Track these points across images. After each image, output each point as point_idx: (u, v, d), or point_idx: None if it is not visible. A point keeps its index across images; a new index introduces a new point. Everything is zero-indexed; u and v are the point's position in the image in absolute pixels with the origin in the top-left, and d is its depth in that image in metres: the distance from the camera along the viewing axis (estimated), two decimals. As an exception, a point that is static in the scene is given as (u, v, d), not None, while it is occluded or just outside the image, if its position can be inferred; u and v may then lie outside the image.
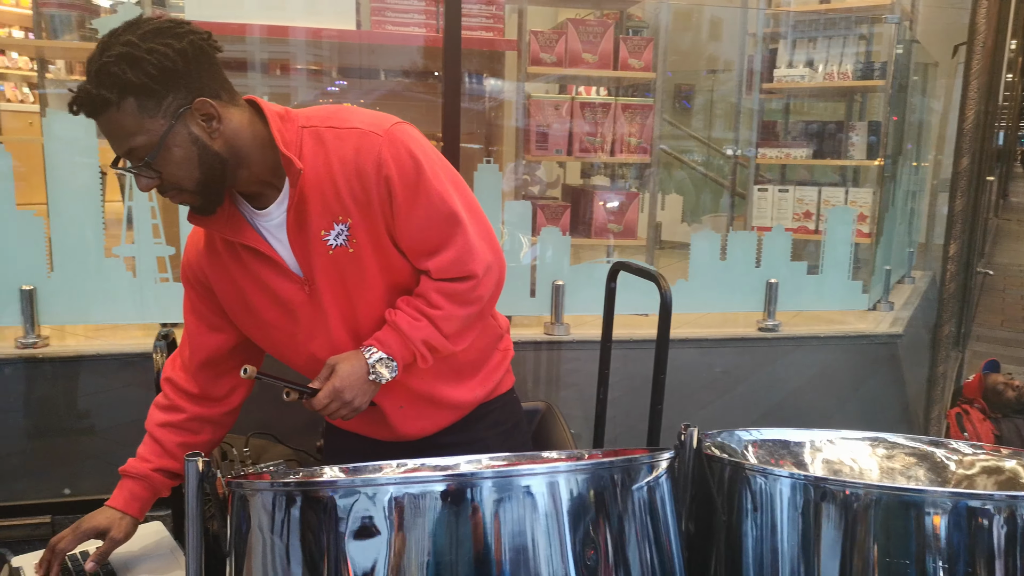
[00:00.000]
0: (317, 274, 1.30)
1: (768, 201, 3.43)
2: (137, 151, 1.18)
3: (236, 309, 1.38)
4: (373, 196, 1.25)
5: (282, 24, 2.60)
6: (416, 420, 1.44)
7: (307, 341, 1.35)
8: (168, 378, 1.47)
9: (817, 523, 1.02)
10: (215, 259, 1.35)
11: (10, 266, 2.25)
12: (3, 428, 2.25)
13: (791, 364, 2.88)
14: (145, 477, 1.41)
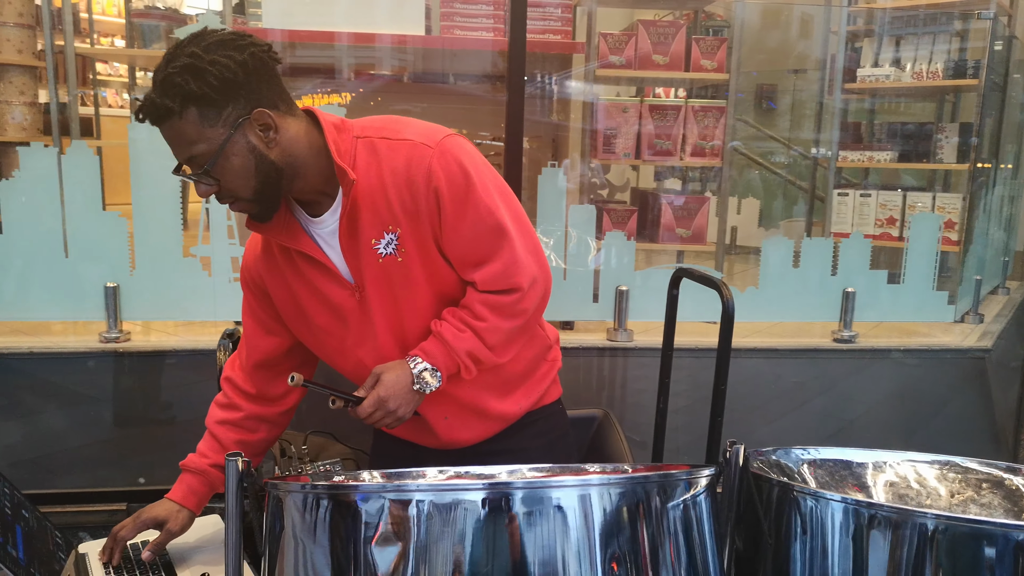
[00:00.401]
0: (367, 282, 1.32)
1: (849, 206, 3.28)
2: (197, 159, 1.21)
3: (290, 313, 1.41)
4: (422, 206, 1.27)
5: (351, 31, 2.65)
6: (461, 430, 1.45)
7: (355, 347, 1.37)
8: (228, 377, 1.52)
9: (872, 551, 0.96)
10: (272, 263, 1.39)
11: (96, 264, 2.37)
12: (86, 418, 2.37)
13: (869, 378, 2.74)
14: (203, 472, 1.46)
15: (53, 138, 3.18)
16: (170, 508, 1.42)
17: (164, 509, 1.43)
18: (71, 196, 2.34)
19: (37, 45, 3.27)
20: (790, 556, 1.00)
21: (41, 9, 3.13)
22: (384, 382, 1.27)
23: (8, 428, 2.34)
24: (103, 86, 6.36)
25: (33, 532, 1.36)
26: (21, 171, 2.32)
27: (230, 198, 1.26)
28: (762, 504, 1.03)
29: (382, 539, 0.84)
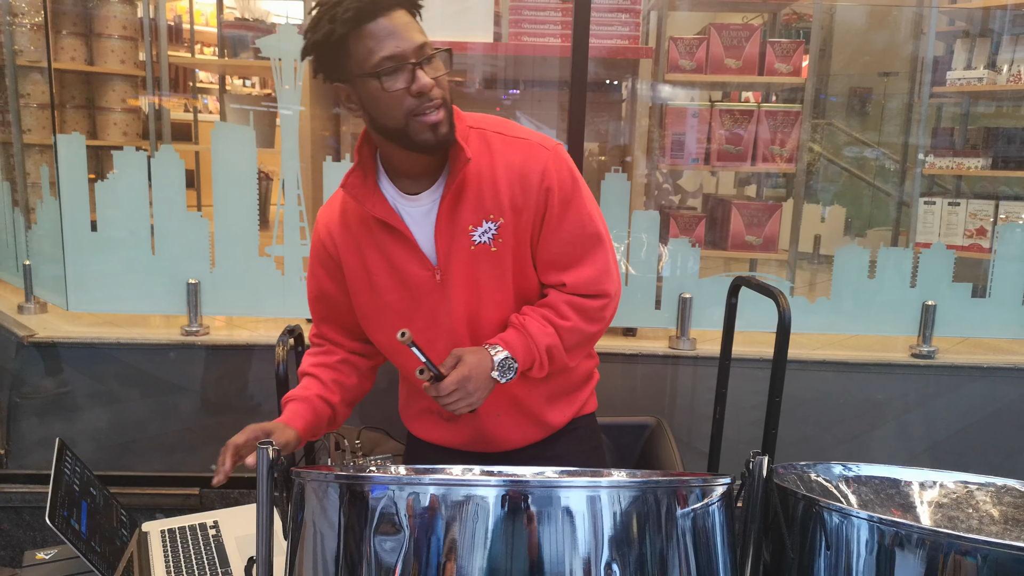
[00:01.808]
0: (454, 265, 1.34)
1: (935, 215, 3.12)
2: (426, 47, 1.24)
3: (360, 287, 1.41)
4: (531, 203, 1.32)
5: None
6: (508, 430, 1.46)
7: (424, 330, 1.37)
8: (320, 332, 1.54)
9: (898, 572, 0.92)
10: (348, 235, 1.38)
11: (179, 262, 2.52)
12: (166, 406, 2.52)
13: (952, 398, 2.60)
14: (307, 399, 1.45)
15: (150, 143, 3.39)
16: (277, 424, 1.40)
17: (272, 423, 1.41)
18: (158, 197, 2.50)
19: (138, 56, 3.50)
20: (813, 571, 0.97)
21: (143, 23, 3.35)
22: (467, 363, 1.27)
23: (97, 413, 2.51)
24: (204, 93, 6.72)
25: (99, 508, 1.45)
26: (115, 173, 2.49)
27: (439, 99, 1.25)
28: (787, 518, 1.00)
29: (390, 531, 0.86)
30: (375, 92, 1.22)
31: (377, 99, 1.23)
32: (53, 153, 2.52)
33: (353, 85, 1.24)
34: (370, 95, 1.23)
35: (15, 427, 2.51)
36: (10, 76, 3.14)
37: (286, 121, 2.49)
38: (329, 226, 1.40)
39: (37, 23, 3.22)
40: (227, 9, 4.05)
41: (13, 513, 2.44)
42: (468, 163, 1.28)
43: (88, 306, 2.57)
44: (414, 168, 1.33)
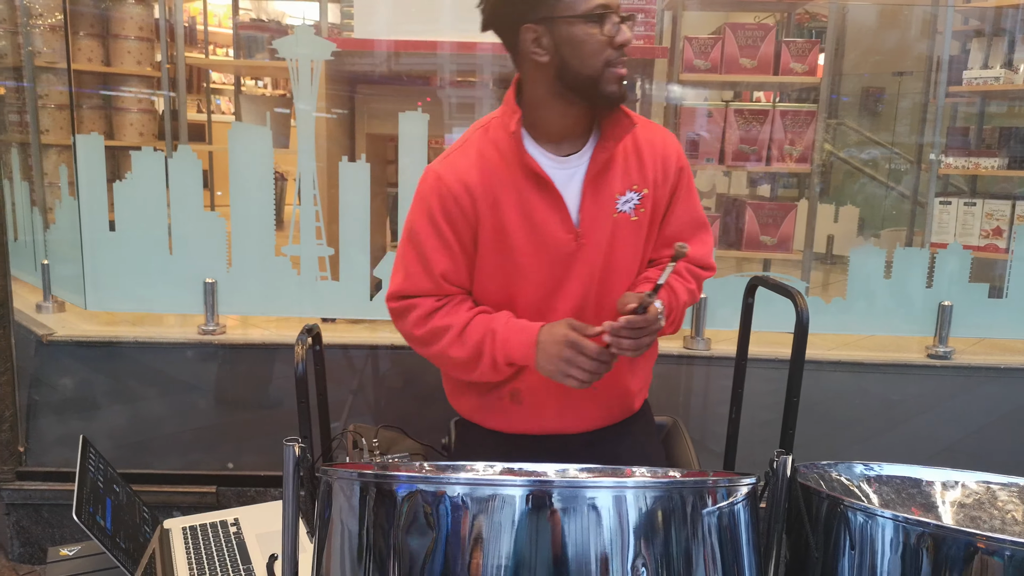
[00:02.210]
0: (595, 231, 1.37)
1: (951, 215, 3.11)
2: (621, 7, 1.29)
3: (490, 245, 1.37)
4: (669, 179, 1.42)
5: (432, 39, 2.72)
6: (591, 409, 1.45)
7: (550, 292, 1.37)
8: (429, 289, 1.43)
9: (923, 572, 0.92)
10: (487, 191, 1.35)
11: (196, 261, 2.53)
12: (183, 405, 2.53)
13: (968, 398, 2.59)
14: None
15: (165, 143, 3.41)
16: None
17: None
18: (176, 197, 2.51)
19: (154, 57, 3.52)
20: (837, 571, 0.97)
21: (159, 24, 3.37)
22: (655, 307, 1.27)
23: (115, 411, 2.53)
24: (217, 94, 6.76)
25: (122, 505, 1.47)
26: (132, 173, 2.51)
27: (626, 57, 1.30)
28: (811, 517, 1.00)
29: (416, 529, 0.87)
30: (581, 36, 1.24)
31: (582, 43, 1.24)
32: (72, 153, 2.54)
33: (551, 27, 1.25)
34: (573, 39, 1.24)
35: (34, 425, 2.54)
36: (28, 77, 3.17)
37: (302, 121, 2.50)
38: (465, 179, 1.35)
39: (53, 24, 3.25)
40: (242, 10, 4.08)
41: (32, 510, 2.47)
42: (633, 128, 1.33)
43: (106, 305, 2.59)
44: (564, 130, 1.35)
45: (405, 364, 2.57)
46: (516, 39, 1.29)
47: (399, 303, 1.42)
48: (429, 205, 1.36)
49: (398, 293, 1.43)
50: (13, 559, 2.50)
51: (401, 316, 1.43)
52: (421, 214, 1.38)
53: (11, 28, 3.20)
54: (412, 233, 1.39)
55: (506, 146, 1.33)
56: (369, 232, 2.52)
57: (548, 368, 1.30)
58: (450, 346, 1.36)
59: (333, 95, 2.71)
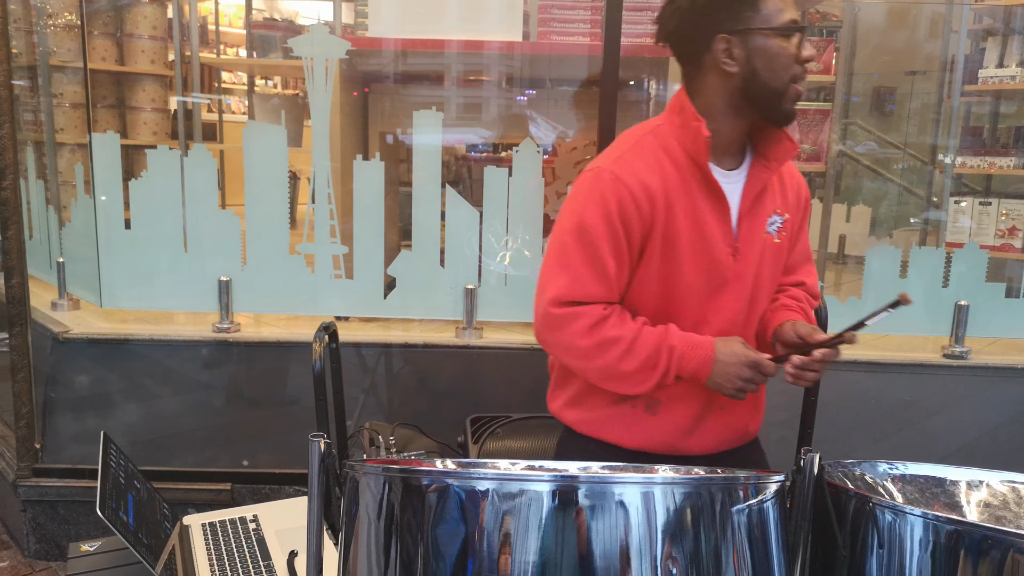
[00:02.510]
0: (749, 248, 1.38)
1: (966, 214, 3.09)
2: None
3: (656, 252, 1.34)
4: (801, 207, 1.48)
5: (452, 38, 2.72)
6: (714, 432, 1.44)
7: (705, 307, 1.37)
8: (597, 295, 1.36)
9: (952, 570, 0.91)
10: (662, 194, 1.32)
11: (211, 259, 2.54)
12: (198, 402, 2.54)
13: (984, 398, 2.58)
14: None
15: (179, 142, 3.42)
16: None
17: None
18: (191, 195, 2.52)
19: (167, 56, 3.53)
20: (865, 570, 0.97)
21: (172, 23, 3.38)
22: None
23: (129, 409, 2.54)
24: (227, 94, 6.77)
25: (143, 501, 1.47)
26: (148, 171, 2.52)
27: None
28: (838, 516, 1.00)
29: (447, 524, 0.87)
30: (775, 49, 1.27)
31: (774, 57, 1.27)
32: (88, 152, 2.55)
33: (745, 38, 1.26)
34: (767, 52, 1.27)
35: (50, 422, 2.55)
36: (43, 76, 3.18)
37: (317, 120, 2.51)
38: (645, 182, 1.31)
39: (67, 23, 3.26)
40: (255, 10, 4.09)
41: (48, 507, 2.48)
42: (795, 152, 1.37)
43: (121, 303, 2.60)
44: (731, 144, 1.37)
45: (418, 363, 2.57)
46: (703, 49, 1.30)
47: (563, 310, 1.32)
48: (607, 205, 1.30)
49: (563, 298, 1.32)
50: (29, 555, 2.51)
51: (562, 325, 1.33)
52: (596, 214, 1.31)
53: (26, 28, 3.22)
54: (583, 233, 1.31)
55: (682, 153, 1.33)
56: (383, 231, 2.53)
57: (722, 384, 1.33)
58: (620, 359, 1.31)
59: (347, 94, 2.71)
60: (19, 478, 2.47)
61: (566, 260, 1.33)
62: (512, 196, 2.49)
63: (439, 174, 2.49)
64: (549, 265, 1.36)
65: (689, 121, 1.32)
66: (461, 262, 2.52)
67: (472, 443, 1.92)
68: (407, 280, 2.54)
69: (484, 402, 2.47)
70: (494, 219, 2.51)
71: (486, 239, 2.53)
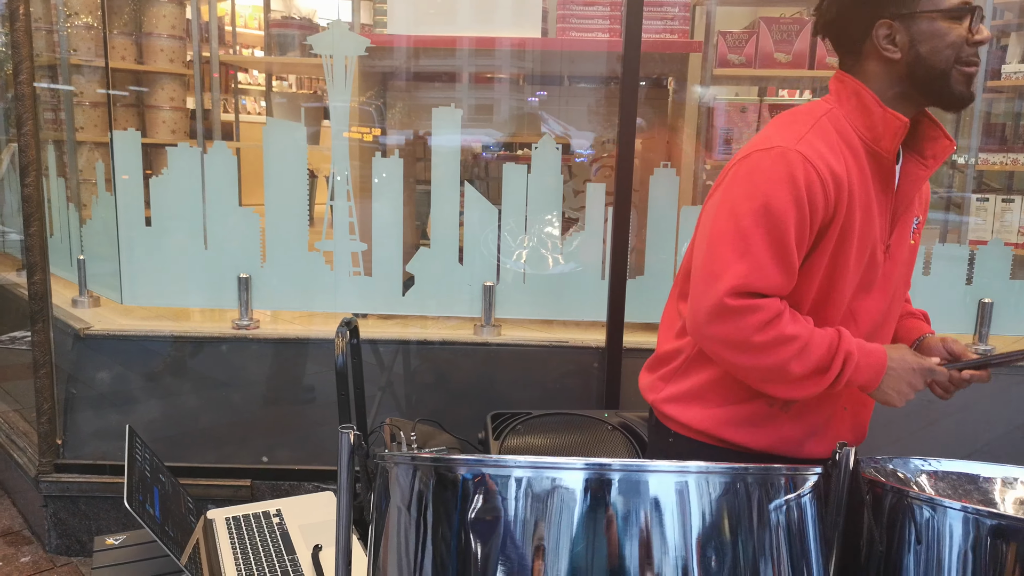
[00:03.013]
0: (899, 245, 1.34)
1: (989, 212, 3.06)
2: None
3: (831, 243, 1.27)
4: (925, 210, 1.43)
5: (471, 35, 2.72)
6: (838, 432, 1.39)
7: (857, 303, 1.32)
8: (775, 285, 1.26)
9: (993, 564, 0.90)
10: (843, 181, 1.25)
11: (231, 256, 2.55)
12: (217, 398, 2.55)
13: (1010, 397, 2.55)
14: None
15: (198, 141, 3.44)
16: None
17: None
18: (211, 193, 2.53)
19: (186, 55, 3.55)
20: (902, 566, 0.95)
21: (191, 23, 3.40)
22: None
23: (150, 405, 2.55)
24: (243, 94, 6.80)
25: (168, 495, 1.48)
26: (168, 169, 2.53)
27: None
28: (874, 511, 0.98)
29: (481, 514, 0.87)
30: (939, 31, 1.21)
31: (940, 38, 1.21)
32: (109, 150, 2.56)
33: (909, 23, 1.21)
34: (931, 34, 1.21)
35: (71, 418, 2.56)
36: (64, 75, 3.20)
37: (336, 118, 2.51)
38: (833, 167, 1.22)
39: (87, 23, 3.28)
40: (273, 9, 4.10)
41: (69, 502, 2.49)
42: (952, 149, 1.31)
43: (142, 300, 2.61)
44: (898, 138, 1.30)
45: (436, 360, 2.57)
46: (863, 35, 1.24)
47: (742, 301, 1.21)
48: (796, 186, 1.19)
49: (743, 288, 1.21)
50: (51, 551, 2.52)
51: (738, 317, 1.21)
52: (785, 196, 1.20)
53: (47, 27, 3.24)
54: (769, 216, 1.20)
55: (858, 141, 1.26)
56: (402, 228, 2.53)
57: (891, 393, 1.29)
58: (792, 360, 1.21)
59: (366, 91, 2.71)
60: (41, 473, 2.48)
61: (746, 246, 1.21)
62: (531, 193, 2.49)
63: (458, 171, 2.49)
64: (723, 251, 1.23)
65: (874, 107, 1.24)
66: (479, 259, 2.52)
67: (493, 439, 1.91)
68: (425, 277, 2.53)
69: (503, 399, 2.47)
70: (512, 217, 2.51)
71: (504, 237, 2.52)
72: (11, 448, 2.73)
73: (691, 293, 1.28)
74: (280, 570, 1.44)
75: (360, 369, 1.80)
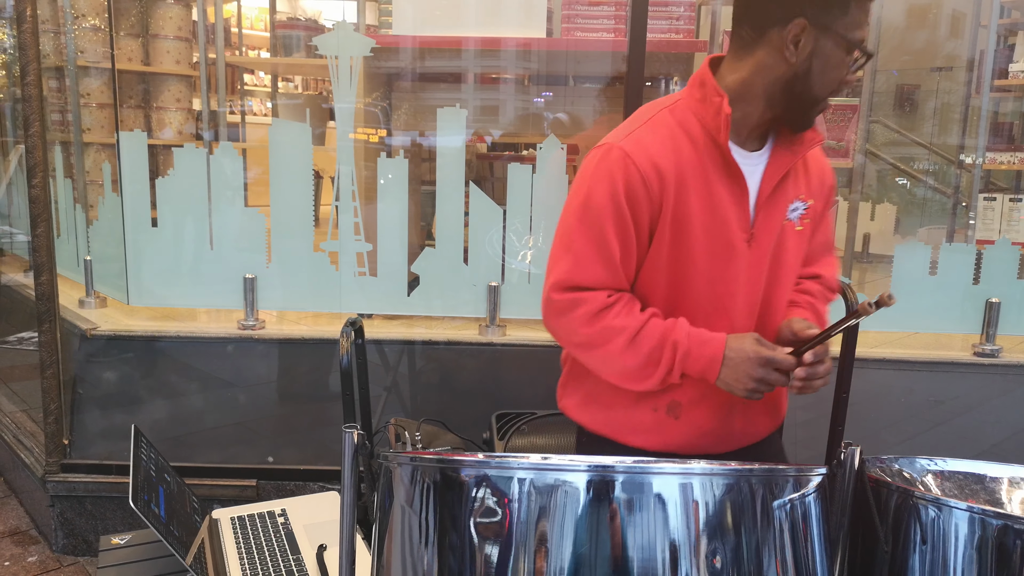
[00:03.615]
0: (765, 234, 1.31)
1: (996, 211, 3.04)
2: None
3: (666, 236, 1.27)
4: (824, 194, 1.42)
5: (477, 35, 2.72)
6: (752, 421, 1.40)
7: (719, 295, 1.30)
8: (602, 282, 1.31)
9: (999, 563, 0.89)
10: (674, 175, 1.26)
11: (237, 257, 2.55)
12: (223, 398, 2.55)
13: (1017, 397, 2.53)
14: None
15: (204, 142, 3.44)
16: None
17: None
18: (217, 193, 2.54)
19: (192, 57, 3.56)
20: (907, 566, 0.95)
21: (197, 24, 3.41)
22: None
23: (156, 406, 2.56)
24: (249, 96, 6.82)
25: (174, 494, 1.48)
26: (175, 170, 2.54)
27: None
28: (879, 510, 0.98)
29: (485, 514, 0.86)
30: (836, 57, 1.22)
31: (829, 63, 1.22)
32: (116, 151, 2.57)
33: (820, 33, 1.20)
34: (827, 55, 1.22)
35: (78, 418, 2.57)
36: (71, 76, 3.21)
37: (341, 119, 2.52)
38: (656, 161, 1.24)
39: (94, 25, 3.30)
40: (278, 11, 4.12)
41: (76, 502, 2.50)
42: (820, 142, 1.33)
43: (148, 300, 2.62)
44: (760, 127, 1.31)
45: (441, 360, 2.57)
46: (776, 23, 1.22)
47: (566, 295, 1.26)
48: (614, 183, 1.23)
49: (566, 283, 1.26)
50: (57, 551, 2.53)
51: (565, 311, 1.27)
52: (603, 192, 1.24)
53: (54, 29, 3.26)
54: (587, 212, 1.25)
55: (700, 130, 1.26)
56: (407, 228, 2.53)
57: (732, 384, 1.24)
58: (623, 352, 1.24)
59: (371, 92, 2.72)
60: (48, 473, 2.49)
61: (569, 242, 1.27)
62: (536, 193, 2.49)
63: (463, 172, 2.49)
64: (554, 248, 1.30)
65: (710, 96, 1.25)
66: (484, 259, 2.52)
67: (498, 439, 1.91)
68: (430, 278, 2.54)
69: (508, 399, 2.47)
70: (517, 217, 2.51)
71: (508, 237, 2.52)
72: (18, 448, 2.74)
73: None
74: (285, 570, 1.45)
75: (365, 369, 1.80)
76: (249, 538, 1.53)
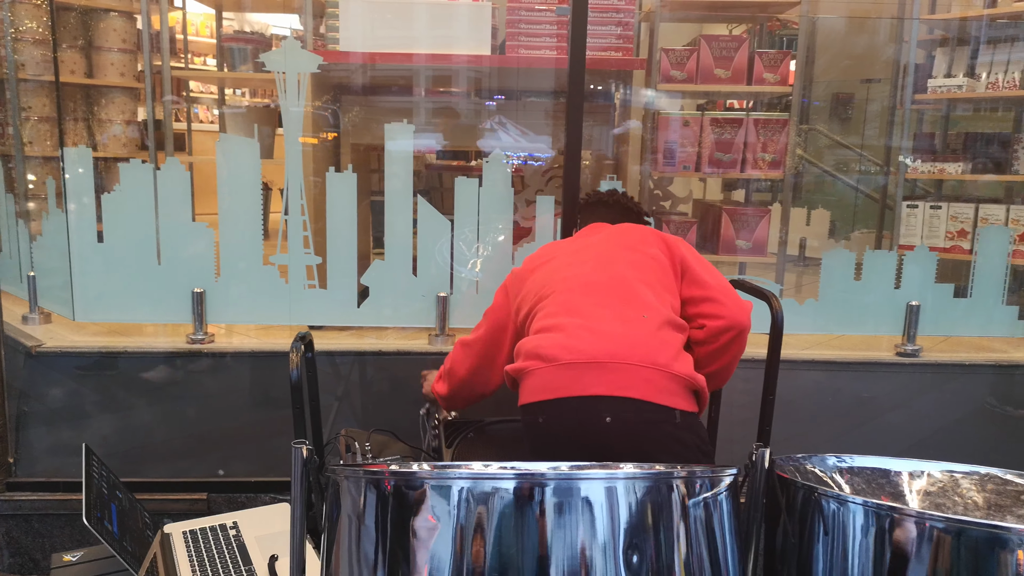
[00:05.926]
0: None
1: (918, 218, 3.22)
2: None
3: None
4: None
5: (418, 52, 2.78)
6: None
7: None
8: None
9: (891, 552, 0.99)
10: None
11: (184, 270, 2.57)
12: (172, 413, 2.56)
13: (936, 394, 2.70)
14: None
15: (149, 154, 3.43)
16: None
17: None
18: (164, 208, 2.55)
19: (137, 67, 3.54)
20: (812, 556, 1.04)
21: (141, 33, 3.39)
22: None
23: (103, 421, 2.55)
24: (195, 102, 6.74)
25: (126, 511, 1.51)
26: (120, 186, 2.54)
27: None
28: (787, 506, 1.07)
29: (424, 522, 0.93)
30: None
31: None
32: (58, 165, 2.56)
33: None
34: None
35: (23, 436, 2.55)
36: (11, 90, 3.17)
37: (289, 132, 2.55)
38: None
39: (37, 37, 3.26)
40: (226, 21, 4.11)
41: (23, 521, 2.48)
42: None
43: (94, 316, 2.61)
44: None
45: (392, 370, 2.62)
46: None
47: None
48: None
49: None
50: (3, 570, 2.51)
51: None
52: None
53: (-7, 41, 3.21)
54: None
55: None
56: (356, 241, 2.57)
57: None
58: None
59: (320, 96, 2.75)
60: (-7, 492, 2.47)
61: None
62: (482, 204, 2.56)
63: (411, 185, 2.54)
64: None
65: None
66: (433, 270, 2.58)
67: (446, 447, 1.98)
68: (380, 289, 2.59)
69: (457, 407, 2.52)
70: (465, 227, 2.57)
71: (457, 247, 2.59)
72: (-39, 467, 2.70)
73: (728, 299, 1.70)
74: (237, 580, 1.49)
75: (315, 382, 1.84)
76: (201, 551, 1.56)
